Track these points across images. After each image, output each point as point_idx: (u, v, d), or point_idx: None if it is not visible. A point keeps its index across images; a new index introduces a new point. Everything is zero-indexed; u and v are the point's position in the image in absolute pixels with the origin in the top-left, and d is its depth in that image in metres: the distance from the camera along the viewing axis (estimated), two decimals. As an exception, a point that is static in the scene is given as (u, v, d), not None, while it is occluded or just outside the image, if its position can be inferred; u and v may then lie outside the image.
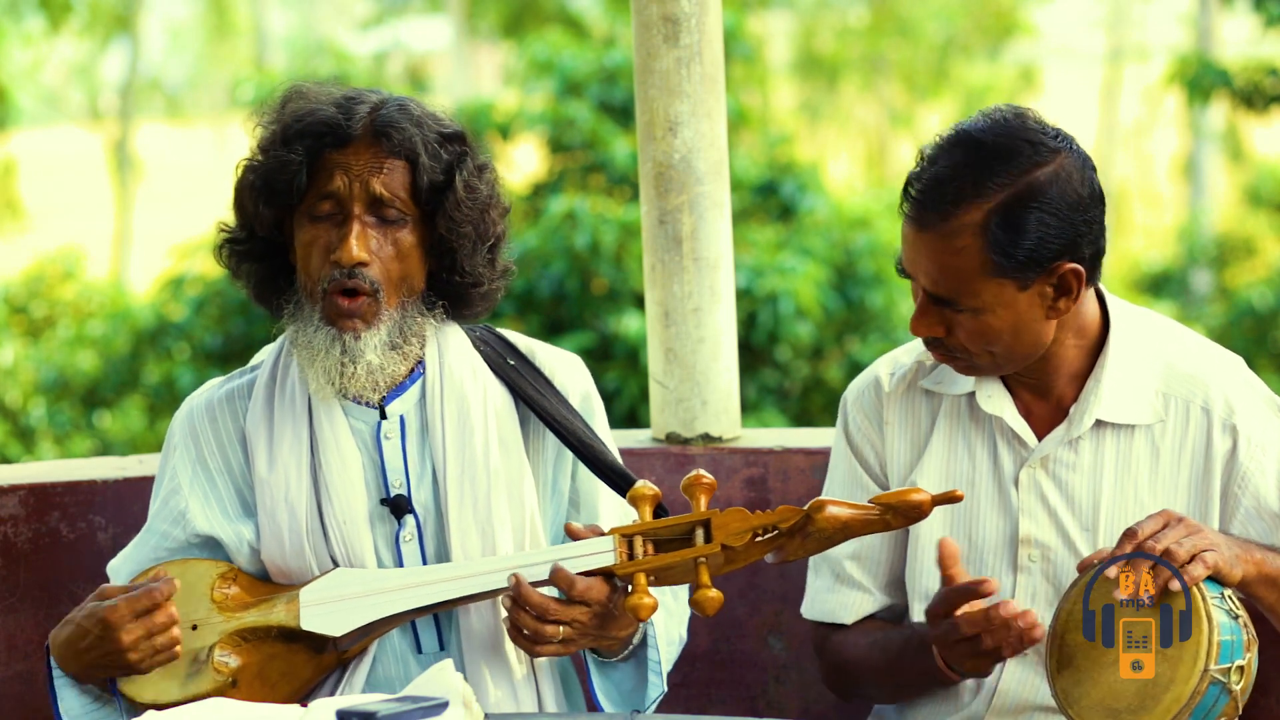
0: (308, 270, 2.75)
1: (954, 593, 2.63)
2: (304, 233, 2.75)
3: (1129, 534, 2.54)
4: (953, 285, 2.65)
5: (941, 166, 2.65)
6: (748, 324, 9.49)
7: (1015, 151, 2.63)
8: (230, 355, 10.31)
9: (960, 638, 2.63)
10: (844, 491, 2.93)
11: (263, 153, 2.76)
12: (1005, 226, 2.61)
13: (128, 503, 3.39)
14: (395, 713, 2.35)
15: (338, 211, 2.72)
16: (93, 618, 2.63)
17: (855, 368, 9.29)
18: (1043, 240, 2.62)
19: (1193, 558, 2.51)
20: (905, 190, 2.68)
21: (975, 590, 2.61)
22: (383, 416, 2.81)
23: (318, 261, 2.73)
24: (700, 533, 2.58)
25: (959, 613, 2.63)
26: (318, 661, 2.73)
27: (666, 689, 2.79)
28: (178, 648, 2.63)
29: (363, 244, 2.70)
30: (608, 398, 9.26)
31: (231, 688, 2.67)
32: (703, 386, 3.57)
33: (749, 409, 9.52)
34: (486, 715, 2.53)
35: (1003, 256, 2.62)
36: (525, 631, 2.63)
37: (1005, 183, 2.62)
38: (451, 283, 2.80)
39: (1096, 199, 2.67)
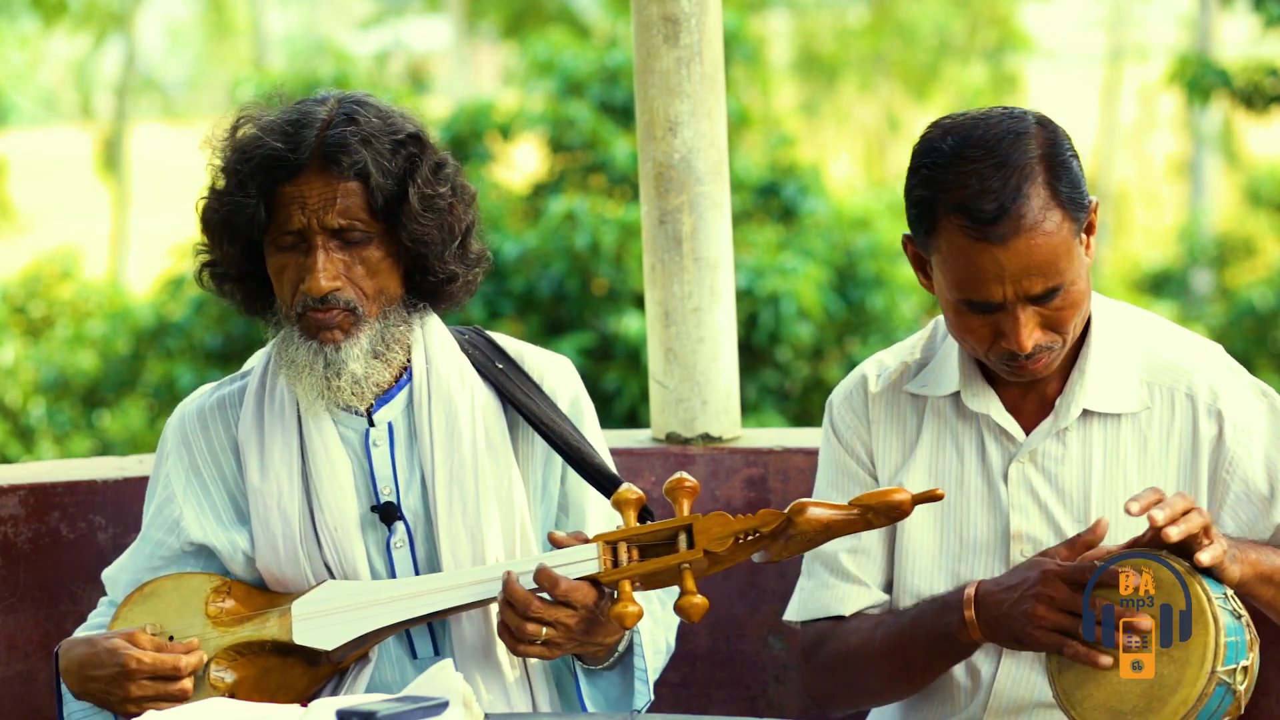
0: (281, 295, 2.76)
1: (1083, 570, 2.56)
2: (273, 260, 2.75)
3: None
4: (1055, 267, 2.63)
5: (976, 183, 2.62)
6: (749, 324, 9.49)
7: (1009, 129, 2.65)
8: (230, 355, 10.31)
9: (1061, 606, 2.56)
10: (835, 490, 2.92)
11: (218, 194, 2.76)
12: (1065, 183, 2.64)
13: (128, 503, 3.39)
14: (395, 713, 2.35)
15: (301, 241, 2.72)
16: (113, 655, 2.63)
17: (855, 368, 9.28)
18: (1083, 180, 2.67)
19: (1206, 530, 2.53)
20: (961, 218, 2.62)
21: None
22: (370, 424, 2.81)
23: (289, 288, 2.73)
24: (683, 538, 2.58)
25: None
26: (313, 673, 2.73)
27: (654, 698, 2.78)
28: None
29: (329, 273, 2.70)
30: (608, 398, 9.27)
31: None
32: (703, 386, 3.57)
33: (749, 409, 9.52)
34: (486, 716, 2.53)
35: (1076, 209, 2.65)
36: (511, 629, 2.62)
37: (1031, 153, 2.63)
38: (427, 282, 2.80)
39: None
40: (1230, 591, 2.56)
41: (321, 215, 2.70)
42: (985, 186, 2.61)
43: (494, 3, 21.94)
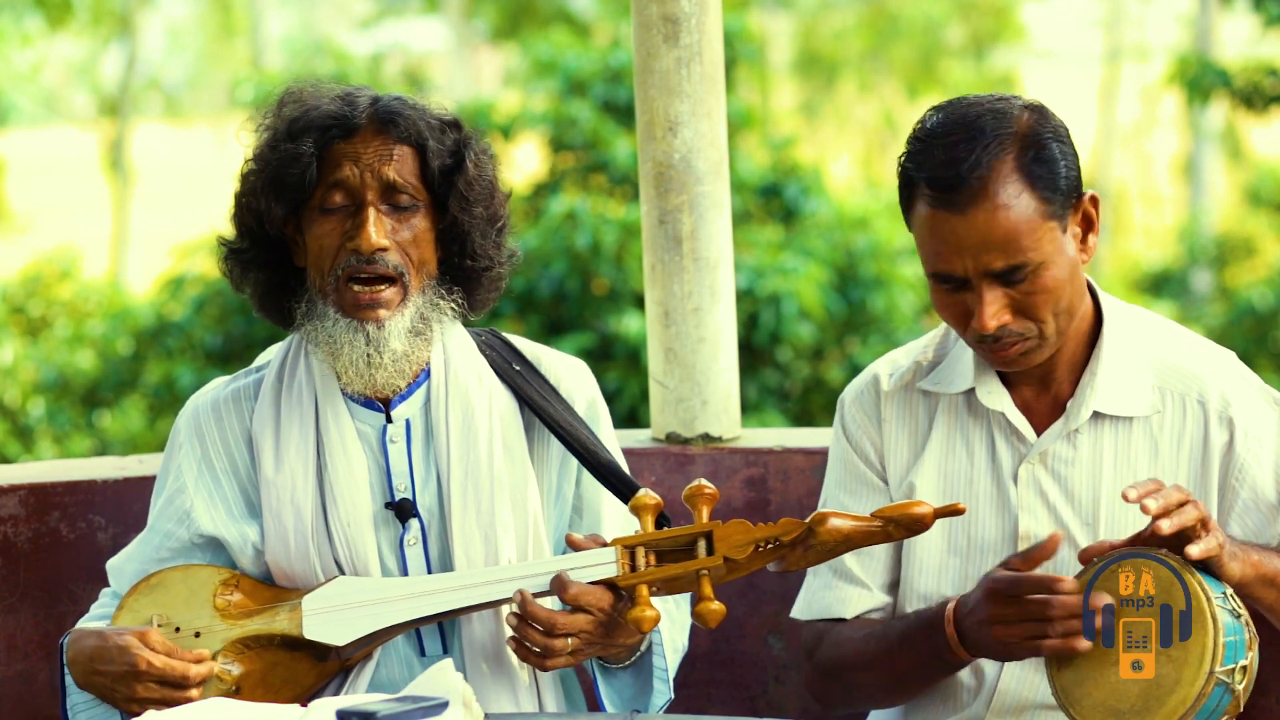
0: (320, 264, 2.74)
1: (1030, 581, 2.56)
2: (315, 226, 2.74)
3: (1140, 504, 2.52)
4: (1016, 244, 2.62)
5: (944, 154, 2.64)
6: (749, 324, 9.49)
7: (996, 111, 2.66)
8: (230, 355, 10.30)
9: (1014, 612, 2.56)
10: (844, 490, 2.92)
11: (269, 151, 2.75)
12: (1039, 161, 2.63)
13: (128, 503, 3.39)
14: (395, 713, 2.35)
15: (350, 202, 2.73)
16: (125, 654, 2.62)
17: (856, 369, 9.29)
18: (1068, 168, 2.66)
19: (1204, 524, 2.52)
20: (928, 189, 2.64)
21: (1049, 585, 2.55)
22: (388, 420, 2.81)
23: (331, 252, 2.73)
24: (702, 544, 2.59)
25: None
26: (320, 668, 2.73)
27: (674, 696, 2.79)
28: None
29: (380, 230, 2.71)
30: (608, 398, 9.22)
31: (234, 695, 2.67)
32: (703, 386, 3.57)
33: (749, 409, 9.52)
34: (486, 715, 2.53)
35: (1049, 190, 2.63)
36: (535, 648, 2.62)
37: (1011, 132, 2.64)
38: (464, 267, 2.81)
39: None
40: (1230, 591, 2.57)
41: (377, 167, 2.71)
42: (952, 157, 2.63)
43: (492, 3, 21.94)
